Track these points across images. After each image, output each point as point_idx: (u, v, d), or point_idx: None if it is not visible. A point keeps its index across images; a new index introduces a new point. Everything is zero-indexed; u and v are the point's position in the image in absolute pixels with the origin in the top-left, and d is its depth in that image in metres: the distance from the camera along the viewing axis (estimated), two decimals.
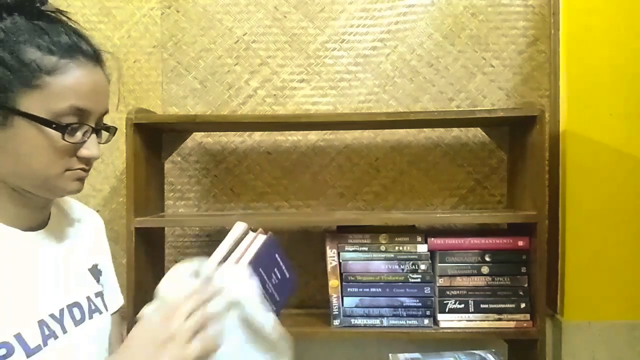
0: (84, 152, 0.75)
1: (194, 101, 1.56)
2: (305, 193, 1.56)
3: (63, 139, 0.72)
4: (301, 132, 1.55)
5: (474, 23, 1.53)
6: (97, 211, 0.99)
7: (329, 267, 1.33)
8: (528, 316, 1.30)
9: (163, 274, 1.56)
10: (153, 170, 1.45)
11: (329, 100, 1.55)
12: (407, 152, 1.55)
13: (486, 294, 1.32)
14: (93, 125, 0.75)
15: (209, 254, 1.63)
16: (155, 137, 1.47)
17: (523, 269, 1.32)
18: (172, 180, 1.56)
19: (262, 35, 1.55)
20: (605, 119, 1.42)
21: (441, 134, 1.54)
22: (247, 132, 1.56)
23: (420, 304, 1.32)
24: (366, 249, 1.33)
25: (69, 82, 0.72)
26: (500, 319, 1.31)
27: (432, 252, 1.34)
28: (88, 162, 0.77)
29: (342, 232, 1.35)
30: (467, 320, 1.31)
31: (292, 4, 1.55)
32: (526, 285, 1.32)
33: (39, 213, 0.80)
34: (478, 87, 1.53)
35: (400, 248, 1.33)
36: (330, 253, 1.33)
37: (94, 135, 0.76)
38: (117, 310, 0.97)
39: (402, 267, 1.32)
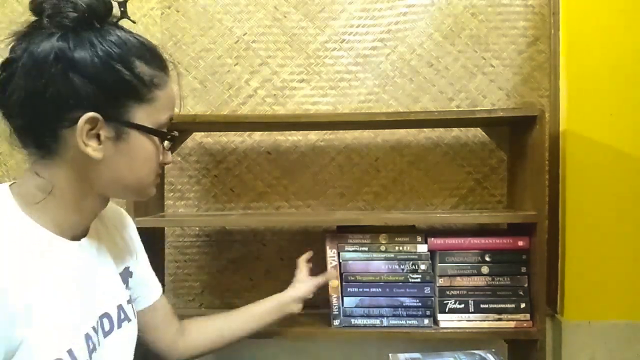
0: (168, 157, 0.81)
1: (194, 101, 1.56)
2: (305, 193, 1.56)
3: (169, 148, 0.79)
4: (301, 132, 1.55)
5: (474, 23, 1.53)
6: None
7: (329, 267, 1.33)
8: (528, 316, 1.30)
9: (163, 274, 1.57)
10: None
11: (329, 100, 1.55)
12: (407, 152, 1.55)
13: (486, 294, 1.31)
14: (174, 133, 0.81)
15: (208, 254, 1.64)
16: None
17: (523, 269, 1.32)
18: (172, 180, 1.56)
19: (262, 35, 1.55)
20: (605, 119, 1.42)
21: (441, 134, 1.54)
22: (247, 132, 1.56)
23: (420, 304, 1.31)
24: (366, 249, 1.33)
25: (169, 95, 0.77)
26: (500, 319, 1.31)
27: (432, 252, 1.33)
28: (163, 167, 0.83)
29: (342, 232, 1.35)
30: (467, 320, 1.31)
31: (292, 4, 1.55)
32: (526, 285, 1.31)
33: (88, 221, 0.80)
34: (478, 87, 1.53)
35: (400, 248, 1.32)
36: (330, 253, 1.33)
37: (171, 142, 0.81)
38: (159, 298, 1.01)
39: (402, 267, 1.32)
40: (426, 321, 1.31)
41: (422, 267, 1.31)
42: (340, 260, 1.33)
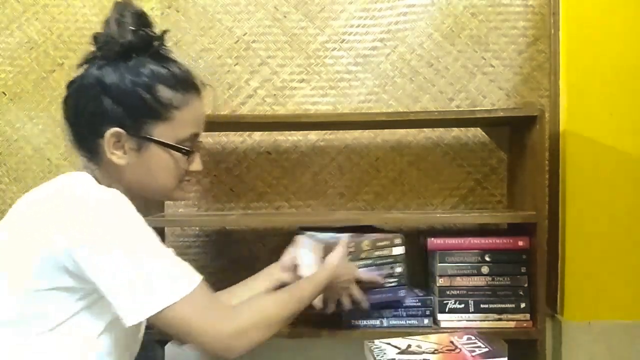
0: (194, 166, 0.94)
1: None
2: (305, 193, 1.56)
3: (187, 161, 0.91)
4: (301, 132, 1.55)
5: (474, 23, 1.53)
6: None
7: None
8: (528, 316, 1.30)
9: None
10: None
11: (329, 100, 1.55)
12: (407, 152, 1.55)
13: (486, 294, 1.31)
14: (200, 145, 0.96)
15: (208, 254, 1.63)
16: None
17: (523, 269, 1.32)
18: None
19: (262, 35, 1.55)
20: (605, 119, 1.42)
21: (441, 134, 1.54)
22: (247, 132, 1.56)
23: (420, 304, 1.32)
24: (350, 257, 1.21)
25: (191, 113, 0.91)
26: (500, 319, 1.31)
27: (432, 252, 1.34)
28: (194, 174, 0.96)
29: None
30: (467, 320, 1.31)
31: (292, 4, 1.55)
32: (526, 285, 1.31)
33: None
34: (478, 87, 1.53)
35: (380, 253, 1.25)
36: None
37: (198, 152, 0.95)
38: None
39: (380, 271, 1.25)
40: (426, 321, 1.31)
41: (398, 269, 1.25)
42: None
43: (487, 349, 1.02)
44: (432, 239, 1.33)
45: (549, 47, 1.51)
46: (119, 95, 0.85)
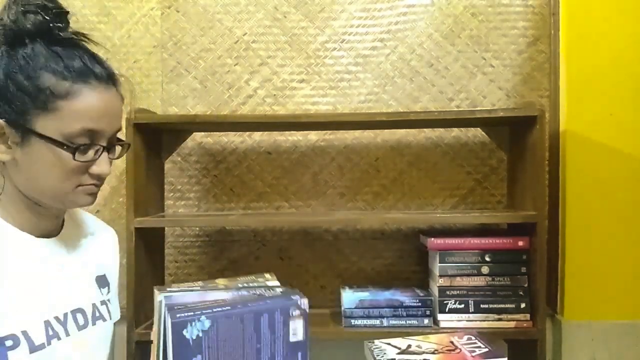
0: (95, 169, 0.80)
1: (194, 101, 1.56)
2: (305, 193, 1.56)
3: (74, 159, 0.77)
4: (301, 132, 1.55)
5: (474, 23, 1.53)
6: (97, 211, 1.00)
7: None
8: (528, 316, 1.30)
9: (163, 274, 1.57)
10: (153, 170, 1.45)
11: (329, 100, 1.55)
12: (407, 152, 1.55)
13: (486, 294, 1.31)
14: (104, 144, 0.80)
15: (208, 254, 1.63)
16: (155, 137, 1.47)
17: (523, 269, 1.32)
18: (172, 180, 1.56)
19: (262, 35, 1.55)
20: (605, 119, 1.42)
21: (441, 134, 1.54)
22: (247, 132, 1.56)
23: (420, 304, 1.32)
24: None
25: (81, 105, 0.77)
26: (500, 319, 1.31)
27: (432, 252, 1.34)
28: (99, 177, 0.82)
29: None
30: (467, 320, 1.31)
31: (292, 4, 1.55)
32: (526, 285, 1.32)
33: (52, 221, 0.86)
34: (478, 87, 1.53)
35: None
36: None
37: (105, 153, 0.81)
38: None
39: None
40: (426, 321, 1.31)
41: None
42: None
43: (487, 349, 1.02)
44: (432, 239, 1.33)
45: (549, 47, 1.51)
46: (0, 84, 0.76)
